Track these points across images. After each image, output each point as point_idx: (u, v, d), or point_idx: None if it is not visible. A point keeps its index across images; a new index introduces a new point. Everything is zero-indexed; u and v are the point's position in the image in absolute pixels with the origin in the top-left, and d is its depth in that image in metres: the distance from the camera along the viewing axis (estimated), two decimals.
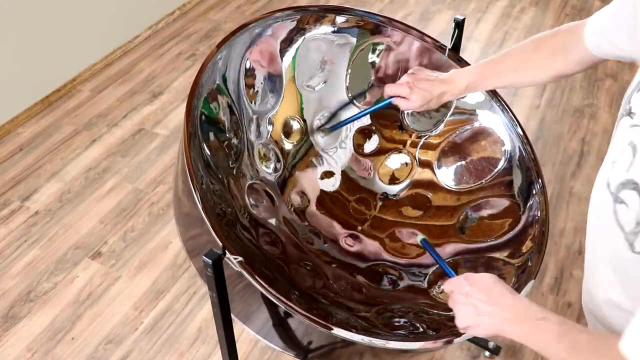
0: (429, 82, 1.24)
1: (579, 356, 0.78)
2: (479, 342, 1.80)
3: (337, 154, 1.51)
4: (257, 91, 1.39)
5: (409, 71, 1.28)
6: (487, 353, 1.80)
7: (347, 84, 1.48)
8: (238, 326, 1.20)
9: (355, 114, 1.47)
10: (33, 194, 2.39)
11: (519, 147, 1.37)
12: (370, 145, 1.52)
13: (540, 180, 1.32)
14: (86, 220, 2.27)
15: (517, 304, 0.87)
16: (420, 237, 1.38)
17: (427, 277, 1.34)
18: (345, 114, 1.49)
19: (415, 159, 1.50)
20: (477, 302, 0.90)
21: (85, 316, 1.95)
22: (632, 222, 0.75)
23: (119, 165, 2.51)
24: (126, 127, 2.71)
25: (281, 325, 1.16)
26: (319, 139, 1.50)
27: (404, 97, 1.26)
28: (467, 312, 0.91)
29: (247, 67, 1.35)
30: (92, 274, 2.08)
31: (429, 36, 1.45)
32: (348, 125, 1.51)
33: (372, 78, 1.50)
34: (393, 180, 1.51)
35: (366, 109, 1.45)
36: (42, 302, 1.99)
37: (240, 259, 0.97)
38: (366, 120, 1.51)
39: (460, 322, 0.93)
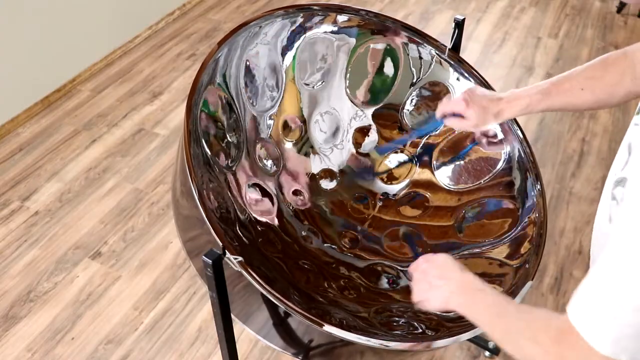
0: (486, 99, 1.19)
1: (508, 325, 0.82)
2: (479, 342, 1.80)
3: (334, 154, 1.51)
4: (257, 90, 1.39)
5: (465, 90, 1.24)
6: (487, 353, 1.80)
7: (347, 83, 1.49)
8: (238, 326, 1.20)
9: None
10: (33, 194, 2.39)
11: (518, 148, 1.37)
12: (369, 145, 1.52)
13: (539, 182, 1.32)
14: (86, 220, 2.27)
15: (463, 278, 0.95)
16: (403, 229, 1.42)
17: None
18: (344, 114, 1.50)
19: (415, 159, 1.50)
20: (431, 278, 0.98)
21: (85, 316, 1.95)
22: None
23: (119, 165, 2.51)
24: (126, 127, 2.71)
25: (281, 325, 1.16)
26: (318, 138, 1.50)
27: (459, 115, 1.21)
28: (422, 287, 1.00)
29: (248, 65, 1.35)
30: (92, 274, 2.08)
31: (429, 36, 1.46)
32: (346, 125, 1.51)
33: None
34: (392, 179, 1.51)
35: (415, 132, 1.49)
36: (42, 302, 1.99)
37: (240, 259, 0.97)
38: (366, 120, 1.51)
39: (415, 297, 1.01)
